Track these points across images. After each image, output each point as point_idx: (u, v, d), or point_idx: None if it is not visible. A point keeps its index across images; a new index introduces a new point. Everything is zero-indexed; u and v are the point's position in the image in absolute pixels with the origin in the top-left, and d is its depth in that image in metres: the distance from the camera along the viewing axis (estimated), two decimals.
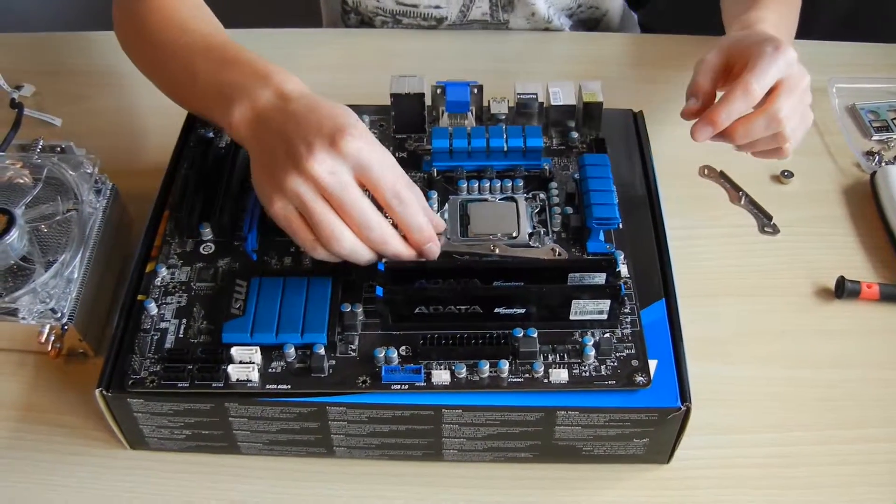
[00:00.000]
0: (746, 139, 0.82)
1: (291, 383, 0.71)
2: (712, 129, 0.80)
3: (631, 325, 0.74)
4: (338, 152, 0.70)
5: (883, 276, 0.90)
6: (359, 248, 0.72)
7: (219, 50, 0.82)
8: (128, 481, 0.77)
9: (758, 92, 0.79)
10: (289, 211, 0.71)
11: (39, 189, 0.83)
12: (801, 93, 0.82)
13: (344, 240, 0.71)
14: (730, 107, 0.79)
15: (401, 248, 0.73)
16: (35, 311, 0.78)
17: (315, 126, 0.71)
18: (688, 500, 0.76)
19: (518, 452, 0.75)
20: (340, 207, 0.70)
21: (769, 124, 0.80)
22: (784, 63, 0.80)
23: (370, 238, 0.72)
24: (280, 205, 0.71)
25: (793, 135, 0.82)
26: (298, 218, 0.72)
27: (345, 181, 0.70)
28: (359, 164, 0.71)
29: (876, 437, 0.79)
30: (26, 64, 1.15)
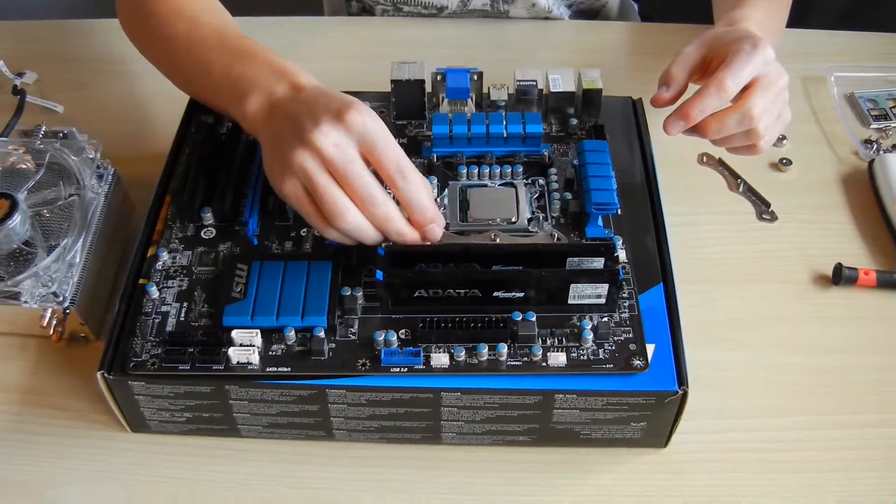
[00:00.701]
0: (719, 134, 0.82)
1: (291, 366, 0.72)
2: (684, 123, 0.81)
3: (629, 309, 0.75)
4: (342, 125, 0.71)
5: (880, 264, 0.91)
6: (363, 225, 0.72)
7: (234, 44, 0.83)
8: (129, 464, 0.78)
9: (731, 88, 0.80)
10: (297, 189, 0.72)
11: (42, 174, 0.84)
12: (777, 91, 0.83)
13: (348, 214, 0.71)
14: (703, 101, 0.80)
15: (404, 227, 0.74)
16: (37, 295, 0.78)
17: (322, 105, 0.72)
18: (685, 483, 0.76)
19: (516, 436, 0.76)
20: (345, 181, 0.71)
21: (742, 121, 0.81)
22: (761, 61, 0.81)
23: (374, 214, 0.72)
24: (289, 183, 0.72)
25: (766, 132, 0.83)
26: (307, 196, 0.72)
27: (349, 154, 0.71)
28: (363, 138, 0.71)
29: (872, 422, 0.80)
30: (28, 51, 1.16)
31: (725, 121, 0.81)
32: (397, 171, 0.73)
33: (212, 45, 0.84)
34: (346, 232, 0.73)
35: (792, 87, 1.08)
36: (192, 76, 0.87)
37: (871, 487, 0.76)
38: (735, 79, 0.80)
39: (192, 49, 0.85)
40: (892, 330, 0.86)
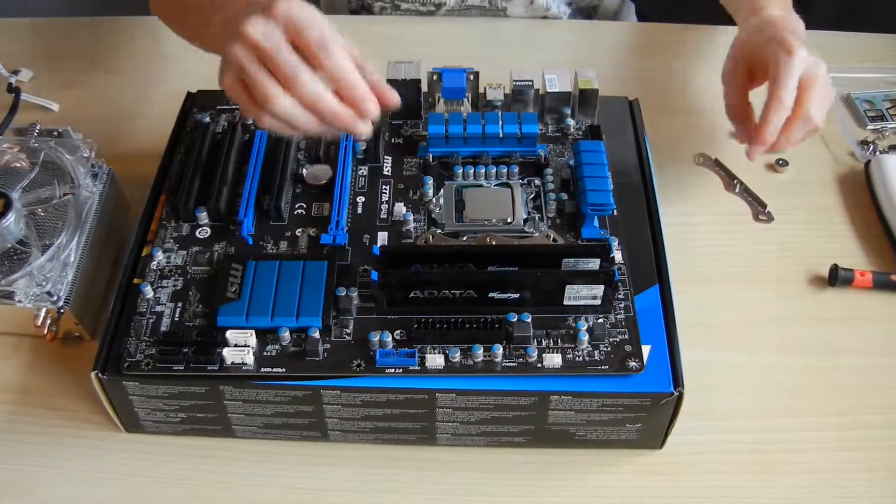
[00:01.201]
0: (789, 145, 0.87)
1: (286, 367, 0.72)
2: (764, 148, 0.85)
3: (624, 310, 0.75)
4: (270, 15, 0.70)
5: (876, 265, 0.91)
6: (295, 110, 0.71)
7: None
8: (122, 464, 0.77)
9: (789, 102, 0.84)
10: (232, 80, 0.71)
11: (36, 173, 0.84)
12: (822, 83, 0.86)
13: (279, 98, 0.70)
14: (772, 124, 0.84)
15: (336, 107, 0.71)
16: (31, 295, 0.78)
17: (256, 2, 0.72)
18: (680, 485, 0.76)
19: (511, 437, 0.76)
20: (273, 65, 0.70)
21: (805, 124, 0.86)
22: (800, 64, 0.84)
23: (302, 94, 0.70)
24: (227, 76, 0.72)
25: (821, 120, 0.87)
26: (240, 85, 0.71)
27: (276, 41, 0.70)
28: (287, 23, 0.70)
29: (868, 423, 0.80)
30: (24, 49, 1.15)
31: (793, 132, 0.86)
32: (320, 48, 0.70)
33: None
34: (279, 116, 0.71)
35: None
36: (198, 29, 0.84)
37: (866, 489, 0.76)
38: (789, 92, 0.84)
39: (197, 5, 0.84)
40: (888, 331, 0.86)
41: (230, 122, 0.90)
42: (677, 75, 0.86)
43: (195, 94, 0.94)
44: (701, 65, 1.12)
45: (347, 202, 0.83)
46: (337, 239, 0.79)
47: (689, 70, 1.11)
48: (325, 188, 0.84)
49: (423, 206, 0.82)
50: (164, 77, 0.86)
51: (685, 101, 1.08)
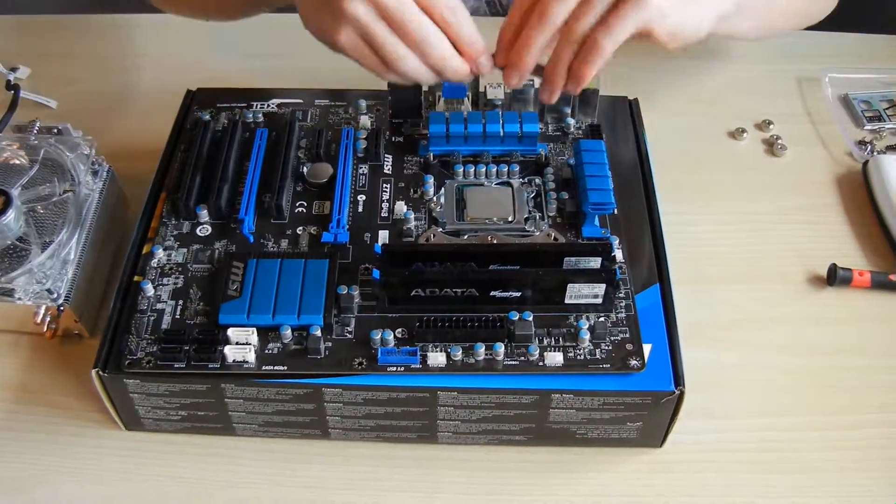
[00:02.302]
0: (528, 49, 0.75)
1: (287, 364, 0.72)
2: (520, 74, 0.77)
3: (626, 309, 0.75)
4: None
5: (874, 264, 0.91)
6: (420, 69, 0.74)
7: None
8: (123, 462, 0.77)
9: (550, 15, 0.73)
10: (353, 38, 0.72)
11: (36, 170, 0.83)
12: None
13: (408, 59, 0.72)
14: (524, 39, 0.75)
15: (459, 64, 0.75)
16: (31, 292, 0.78)
17: None
18: (680, 484, 0.76)
19: (512, 435, 0.76)
20: (401, 26, 0.71)
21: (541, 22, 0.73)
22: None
23: (431, 55, 0.73)
24: (344, 34, 0.72)
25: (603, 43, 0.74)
26: (363, 43, 0.73)
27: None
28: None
29: (867, 423, 0.80)
30: (22, 46, 1.15)
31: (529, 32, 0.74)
32: (447, 9, 0.72)
33: None
34: (404, 75, 0.74)
35: (786, 87, 1.09)
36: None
37: (866, 488, 0.76)
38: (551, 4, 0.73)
39: None
40: (886, 331, 0.86)
41: (230, 119, 0.90)
42: (677, 75, 0.86)
43: (195, 91, 0.94)
44: (701, 64, 1.12)
45: (348, 200, 0.83)
46: (338, 237, 0.79)
47: (689, 70, 1.11)
48: (325, 186, 0.84)
49: (423, 205, 0.82)
50: (163, 75, 0.86)
51: (685, 100, 1.08)
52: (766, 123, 1.05)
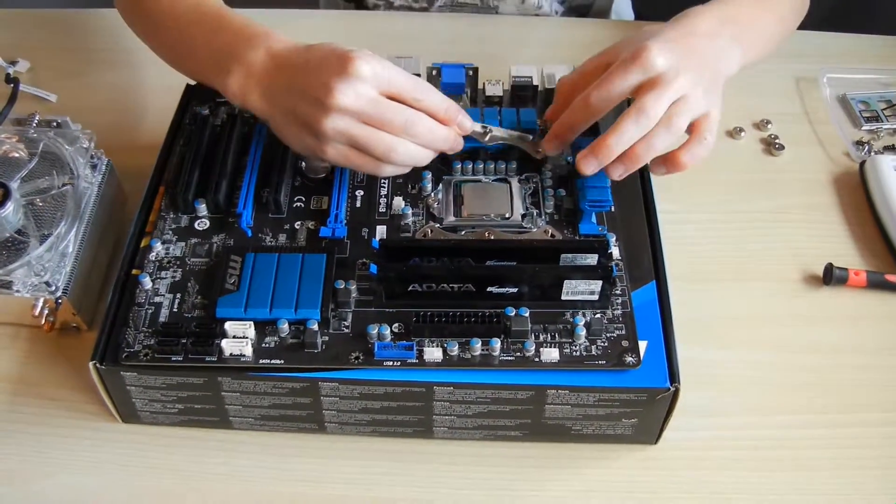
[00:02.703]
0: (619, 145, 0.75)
1: (284, 358, 0.72)
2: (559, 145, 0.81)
3: (622, 306, 0.75)
4: (354, 79, 0.72)
5: (870, 264, 0.91)
6: (413, 151, 0.76)
7: (211, 17, 0.83)
8: (119, 454, 0.78)
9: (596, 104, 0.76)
10: (341, 149, 0.75)
11: (35, 163, 0.83)
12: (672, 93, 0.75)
13: (399, 148, 0.75)
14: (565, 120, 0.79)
15: (445, 131, 0.78)
16: (29, 285, 0.78)
17: (321, 68, 0.74)
18: (675, 480, 0.76)
19: (508, 431, 0.76)
20: (381, 122, 0.74)
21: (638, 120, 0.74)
22: (640, 70, 0.75)
23: (418, 133, 0.75)
24: (331, 149, 0.75)
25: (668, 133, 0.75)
26: (352, 150, 0.75)
27: (373, 98, 0.73)
28: (376, 81, 0.74)
29: (862, 421, 0.80)
30: (22, 39, 1.15)
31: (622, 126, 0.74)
32: (416, 92, 0.76)
33: (192, 21, 0.84)
34: (399, 163, 0.77)
35: (785, 87, 1.09)
36: (178, 54, 0.87)
37: (860, 485, 0.76)
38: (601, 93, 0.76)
39: (175, 26, 0.85)
40: (881, 330, 0.86)
41: (229, 114, 0.90)
42: None
43: (194, 86, 0.94)
44: None
45: (346, 196, 0.83)
46: (336, 232, 0.79)
47: None
48: (324, 181, 0.84)
49: (421, 201, 0.83)
50: (163, 69, 0.86)
51: None
52: (764, 123, 1.05)
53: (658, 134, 0.75)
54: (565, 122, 0.79)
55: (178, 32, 0.85)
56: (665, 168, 0.78)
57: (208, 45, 0.81)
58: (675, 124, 0.75)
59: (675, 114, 0.75)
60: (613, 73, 0.75)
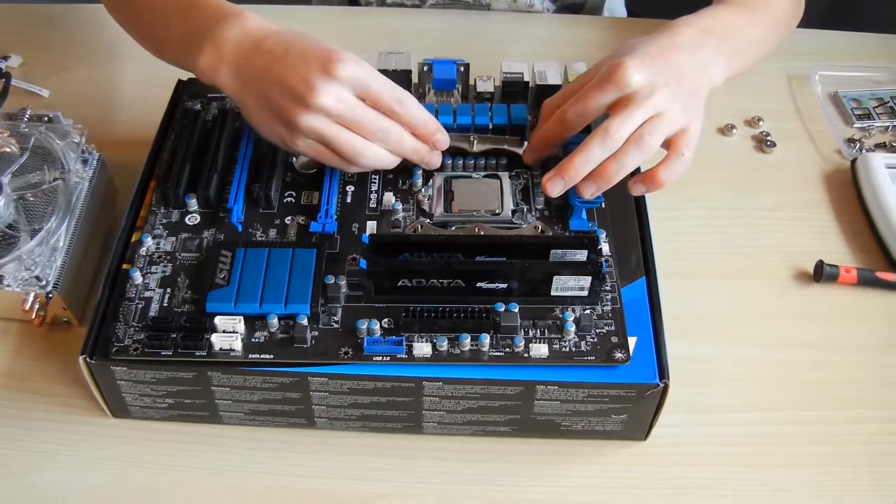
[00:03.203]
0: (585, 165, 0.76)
1: (274, 353, 0.72)
2: (537, 156, 0.83)
3: (611, 302, 0.75)
4: (336, 80, 0.74)
5: (861, 261, 0.91)
6: (382, 156, 0.78)
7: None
8: (109, 449, 0.78)
9: (573, 120, 0.78)
10: (312, 145, 0.77)
11: (26, 158, 0.83)
12: (645, 111, 0.75)
13: (368, 152, 0.77)
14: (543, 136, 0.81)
15: (417, 143, 0.80)
16: (20, 279, 0.78)
17: (302, 62, 0.74)
18: (664, 476, 0.76)
19: (497, 426, 0.76)
20: (356, 126, 0.76)
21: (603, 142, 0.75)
22: (613, 88, 0.75)
23: (389, 141, 0.78)
24: (303, 142, 0.76)
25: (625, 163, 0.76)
26: (323, 147, 0.77)
27: (352, 102, 0.75)
28: (357, 84, 0.75)
29: (851, 418, 0.80)
30: (14, 34, 1.15)
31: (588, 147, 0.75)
32: (395, 101, 0.77)
33: (169, 2, 0.83)
34: (367, 166, 0.79)
35: (777, 84, 1.10)
36: (157, 39, 0.87)
37: (848, 482, 0.76)
38: (577, 109, 0.77)
39: (152, 8, 0.85)
40: (871, 327, 0.87)
41: (220, 109, 0.90)
42: None
43: (186, 81, 0.94)
44: None
45: (337, 191, 0.83)
46: (326, 227, 0.79)
47: None
48: (314, 177, 0.84)
49: (412, 196, 0.83)
50: (154, 64, 0.86)
51: None
52: (755, 120, 1.05)
53: (628, 153, 0.75)
54: (543, 135, 0.81)
55: (154, 15, 0.85)
56: (643, 186, 0.78)
57: (182, 24, 0.81)
58: (647, 143, 0.75)
59: (648, 132, 0.75)
60: (589, 91, 0.77)
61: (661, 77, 0.76)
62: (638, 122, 0.75)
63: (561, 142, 0.81)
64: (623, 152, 0.75)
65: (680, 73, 0.77)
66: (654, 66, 0.76)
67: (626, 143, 0.75)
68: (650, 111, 0.75)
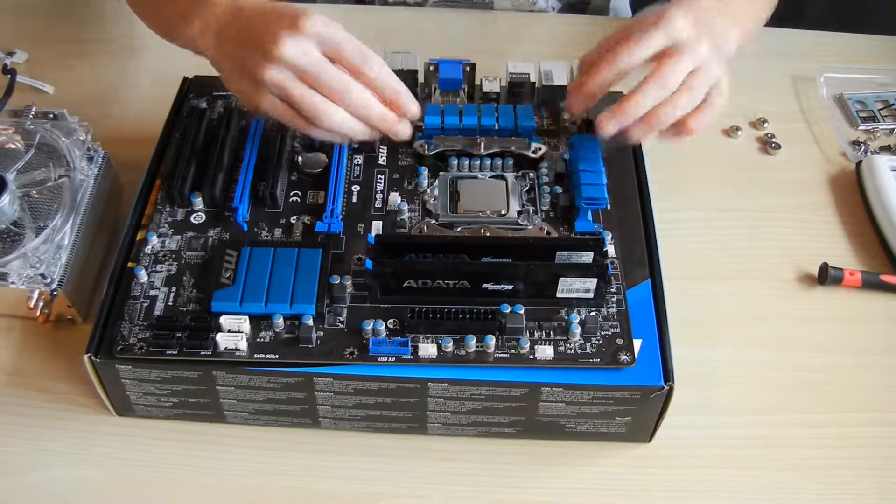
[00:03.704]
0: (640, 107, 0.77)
1: (279, 353, 0.72)
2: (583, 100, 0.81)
3: (617, 304, 0.75)
4: (302, 33, 0.73)
5: (865, 264, 0.91)
6: (347, 120, 0.75)
7: None
8: (113, 447, 0.78)
9: (623, 63, 0.78)
10: (274, 102, 0.75)
11: (31, 155, 0.83)
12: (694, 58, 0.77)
13: (332, 113, 0.74)
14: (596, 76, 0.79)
15: (384, 110, 0.77)
16: (25, 276, 0.78)
17: (274, 19, 0.74)
18: (668, 479, 0.76)
19: (502, 428, 0.76)
20: (318, 81, 0.74)
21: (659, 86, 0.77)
22: (663, 33, 0.77)
23: (352, 102, 0.75)
24: (265, 99, 0.75)
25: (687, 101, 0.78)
26: (285, 106, 0.75)
27: (316, 57, 0.73)
28: (324, 40, 0.74)
29: (855, 421, 0.80)
30: (19, 30, 1.15)
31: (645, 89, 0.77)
32: (362, 61, 0.75)
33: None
34: (333, 129, 0.76)
35: (782, 86, 1.09)
36: (164, 15, 0.86)
37: (852, 485, 0.76)
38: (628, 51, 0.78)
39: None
40: (875, 330, 0.86)
41: (226, 107, 0.90)
42: None
43: (192, 79, 0.94)
44: None
45: (342, 191, 0.83)
46: (331, 227, 0.79)
47: None
48: (320, 176, 0.84)
49: (417, 197, 0.83)
50: (160, 62, 0.86)
51: None
52: (760, 122, 1.05)
53: (681, 99, 0.77)
54: (592, 78, 0.80)
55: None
56: (675, 133, 0.80)
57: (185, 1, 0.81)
58: (697, 91, 0.78)
59: (696, 82, 0.77)
60: (639, 35, 0.78)
61: (704, 28, 0.79)
62: (687, 69, 0.77)
63: (609, 87, 0.80)
64: (676, 97, 0.77)
65: (714, 29, 0.80)
66: (698, 18, 0.79)
67: (677, 90, 0.77)
68: (698, 61, 0.77)
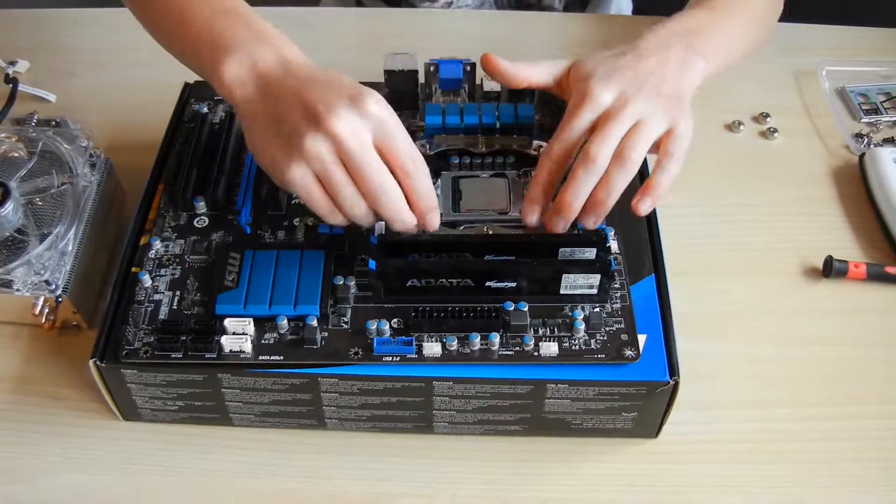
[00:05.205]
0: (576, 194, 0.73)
1: (284, 354, 0.72)
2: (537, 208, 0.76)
3: (621, 300, 0.75)
4: (360, 112, 0.67)
5: (870, 256, 0.91)
6: (369, 216, 0.71)
7: None
8: (120, 452, 0.78)
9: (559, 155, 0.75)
10: (307, 176, 0.68)
11: (34, 162, 0.84)
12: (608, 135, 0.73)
13: (360, 205, 0.70)
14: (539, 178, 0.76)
15: (409, 217, 0.72)
16: (29, 283, 0.78)
17: (334, 88, 0.69)
18: (675, 474, 0.76)
19: (508, 425, 0.76)
20: (357, 170, 0.68)
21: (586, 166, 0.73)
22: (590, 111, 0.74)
23: (385, 206, 0.70)
24: (298, 170, 0.68)
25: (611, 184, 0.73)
26: (317, 184, 0.69)
27: (366, 142, 0.68)
28: (381, 128, 0.68)
29: (861, 413, 0.80)
30: (21, 39, 1.16)
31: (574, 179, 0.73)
32: (410, 162, 0.70)
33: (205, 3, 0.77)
34: (351, 219, 0.71)
35: (784, 80, 1.09)
36: (171, 27, 0.79)
37: (860, 479, 0.76)
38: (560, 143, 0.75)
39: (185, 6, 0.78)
40: (881, 322, 0.86)
41: (227, 112, 0.90)
42: None
43: (192, 84, 0.94)
44: None
45: None
46: (334, 228, 0.79)
47: None
48: None
49: None
50: (161, 67, 0.86)
51: None
52: (762, 116, 1.05)
53: (613, 174, 0.73)
54: (535, 183, 0.76)
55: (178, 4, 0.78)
56: (647, 199, 0.75)
57: (209, 23, 0.75)
58: (629, 157, 0.72)
59: (627, 147, 0.72)
60: (565, 122, 0.75)
61: (630, 86, 0.75)
62: (617, 137, 0.73)
63: (556, 182, 0.76)
64: (609, 175, 0.72)
65: (652, 77, 0.76)
66: (622, 78, 0.75)
67: (610, 164, 0.72)
68: (627, 123, 0.73)
